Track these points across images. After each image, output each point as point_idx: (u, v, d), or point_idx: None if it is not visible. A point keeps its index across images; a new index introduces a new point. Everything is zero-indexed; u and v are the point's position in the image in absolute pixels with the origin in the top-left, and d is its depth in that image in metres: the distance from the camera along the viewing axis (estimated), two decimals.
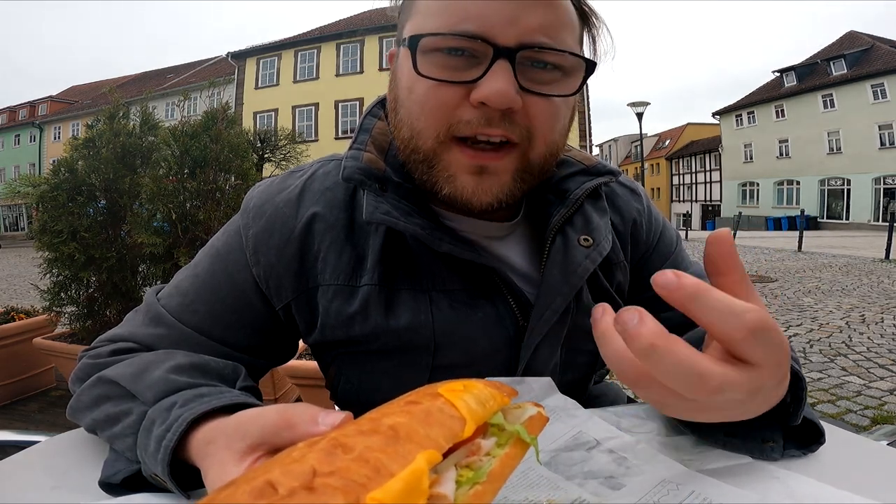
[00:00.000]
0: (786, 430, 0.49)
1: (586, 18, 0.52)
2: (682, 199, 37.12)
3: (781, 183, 27.11)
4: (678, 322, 0.65)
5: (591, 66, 0.49)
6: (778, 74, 27.87)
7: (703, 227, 30.96)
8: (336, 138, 19.55)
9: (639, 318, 0.29)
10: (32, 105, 31.98)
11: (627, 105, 17.42)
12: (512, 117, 0.47)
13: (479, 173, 0.49)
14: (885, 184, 21.88)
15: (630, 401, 0.82)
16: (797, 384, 0.45)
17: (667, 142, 40.04)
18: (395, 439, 0.26)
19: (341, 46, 20.35)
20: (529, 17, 0.46)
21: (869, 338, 3.80)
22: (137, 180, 2.63)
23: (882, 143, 21.79)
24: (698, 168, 35.03)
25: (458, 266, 0.55)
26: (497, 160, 0.49)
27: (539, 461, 0.39)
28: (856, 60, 23.25)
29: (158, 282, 2.53)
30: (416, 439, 0.26)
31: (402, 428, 0.27)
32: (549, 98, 0.48)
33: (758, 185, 28.66)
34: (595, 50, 0.54)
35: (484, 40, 0.45)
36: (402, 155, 0.53)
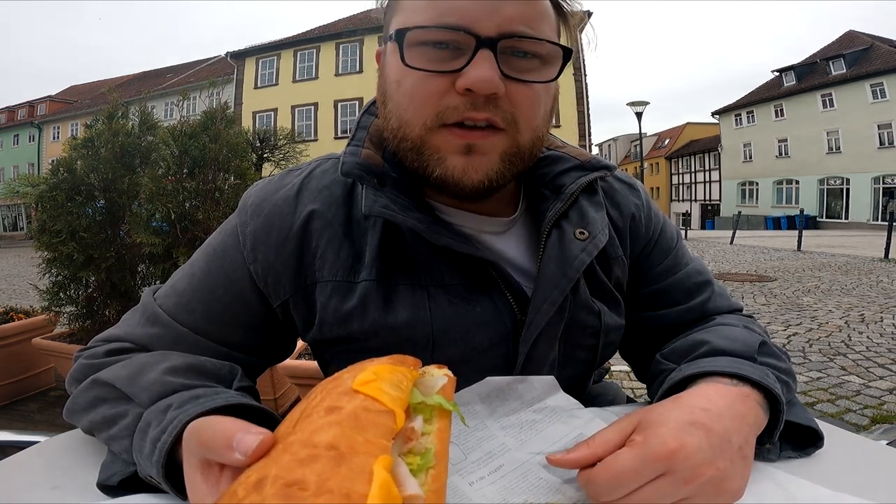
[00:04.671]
0: (782, 433, 0.49)
1: (563, 14, 0.55)
2: (681, 198, 37.12)
3: (781, 182, 27.11)
4: (674, 321, 0.65)
5: (567, 53, 0.52)
6: (777, 74, 27.87)
7: (703, 227, 30.94)
8: (335, 138, 19.51)
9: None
10: (31, 105, 31.93)
11: (627, 104, 17.42)
12: (496, 102, 0.49)
13: (467, 152, 0.50)
14: (884, 183, 21.88)
15: (630, 400, 0.82)
16: (776, 406, 0.48)
17: (666, 141, 40.05)
18: (341, 458, 0.25)
19: (341, 46, 20.32)
20: (508, 9, 0.48)
21: (868, 337, 3.80)
22: (136, 180, 2.62)
23: (881, 143, 21.79)
24: (698, 167, 35.03)
25: (456, 261, 0.55)
26: (484, 139, 0.50)
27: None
28: (855, 60, 23.25)
29: (157, 282, 2.53)
30: (360, 448, 0.26)
31: (340, 442, 0.26)
32: (529, 85, 0.50)
33: (757, 184, 28.67)
34: (571, 41, 0.57)
35: (467, 31, 0.48)
36: (392, 145, 0.55)
